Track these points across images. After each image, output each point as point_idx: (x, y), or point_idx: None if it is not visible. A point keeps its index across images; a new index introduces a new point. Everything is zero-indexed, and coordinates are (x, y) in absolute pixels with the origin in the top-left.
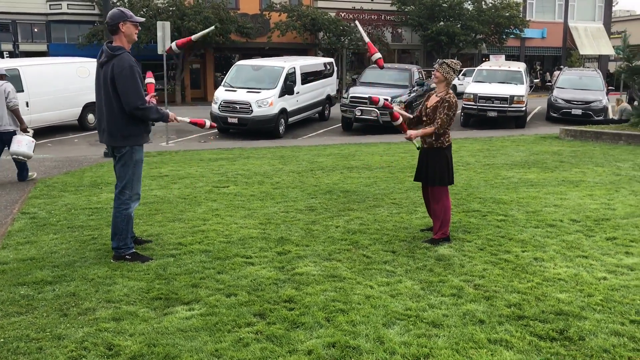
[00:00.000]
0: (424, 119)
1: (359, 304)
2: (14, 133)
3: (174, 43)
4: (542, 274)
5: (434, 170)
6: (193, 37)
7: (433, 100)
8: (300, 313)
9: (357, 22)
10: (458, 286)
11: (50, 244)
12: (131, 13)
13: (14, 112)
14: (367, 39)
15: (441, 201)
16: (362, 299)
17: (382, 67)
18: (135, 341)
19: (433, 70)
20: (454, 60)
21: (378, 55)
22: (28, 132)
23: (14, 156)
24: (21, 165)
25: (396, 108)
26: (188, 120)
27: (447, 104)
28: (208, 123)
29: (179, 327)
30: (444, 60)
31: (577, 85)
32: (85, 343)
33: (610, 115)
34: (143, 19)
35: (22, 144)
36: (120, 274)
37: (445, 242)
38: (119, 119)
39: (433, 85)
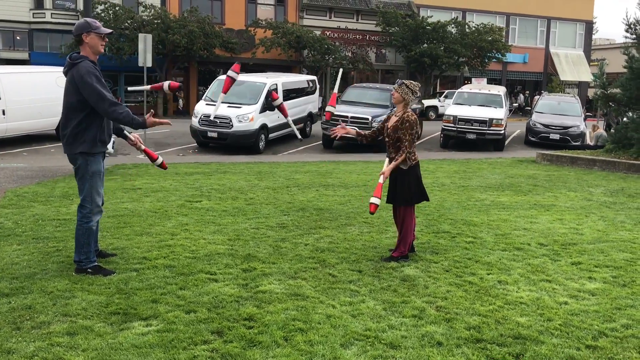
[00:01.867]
0: (386, 139)
1: (319, 323)
2: None
3: (330, 107)
4: (504, 297)
5: (402, 189)
6: (335, 90)
7: (392, 120)
8: (258, 332)
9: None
10: (420, 307)
11: (12, 255)
12: (98, 24)
13: None
14: (335, 90)
15: (406, 220)
16: (323, 318)
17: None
18: (87, 357)
19: (391, 91)
20: (412, 82)
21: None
22: None
23: None
24: None
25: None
26: (148, 87)
27: (407, 124)
28: (166, 84)
29: (134, 343)
30: (403, 81)
31: (555, 110)
32: (35, 358)
33: (588, 141)
34: (110, 31)
35: None
36: (81, 287)
37: (404, 260)
38: (73, 126)
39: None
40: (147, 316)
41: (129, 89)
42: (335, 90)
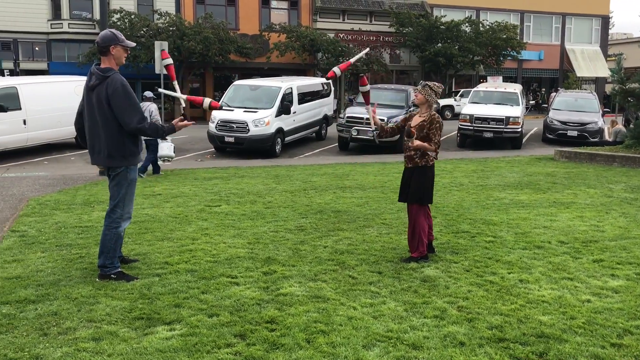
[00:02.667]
0: (406, 137)
1: (340, 325)
2: (156, 141)
3: (335, 69)
4: (526, 296)
5: (416, 188)
6: (351, 60)
7: (417, 120)
8: (281, 334)
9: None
10: (441, 308)
11: (37, 263)
12: (123, 37)
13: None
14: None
15: (419, 220)
16: (345, 320)
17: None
18: None
19: (415, 92)
20: (436, 83)
21: (367, 88)
22: (166, 139)
23: (161, 159)
24: (156, 165)
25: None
26: (185, 97)
27: (437, 125)
28: (207, 101)
29: (158, 348)
30: (427, 82)
31: (572, 107)
32: None
33: (606, 137)
34: (134, 44)
35: (164, 148)
36: (104, 293)
37: (423, 261)
38: (118, 140)
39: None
40: (170, 320)
41: (161, 90)
42: (352, 60)
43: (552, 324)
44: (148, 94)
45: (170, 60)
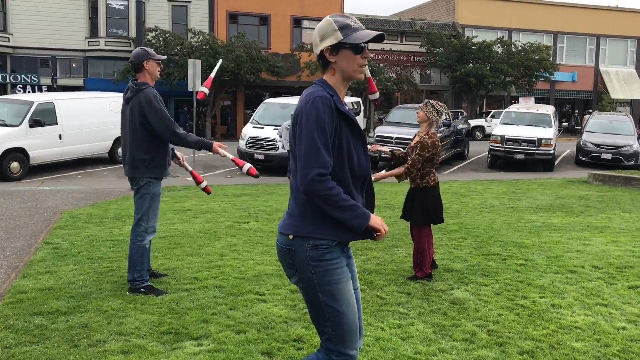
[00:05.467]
0: (408, 157)
1: (368, 345)
2: None
3: (202, 88)
4: (558, 321)
5: (418, 209)
6: (212, 75)
7: (415, 140)
8: (308, 353)
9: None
10: (471, 331)
11: (69, 275)
12: (153, 52)
13: None
14: (368, 74)
15: (421, 239)
16: (372, 340)
17: (378, 106)
18: None
19: (417, 110)
20: (439, 102)
21: (376, 95)
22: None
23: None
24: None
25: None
26: (231, 157)
27: (419, 145)
28: (246, 168)
29: None
30: (430, 100)
31: (607, 129)
32: None
33: None
34: (164, 57)
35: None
36: (134, 306)
37: (428, 280)
38: (144, 151)
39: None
40: (198, 336)
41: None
42: (212, 75)
43: (586, 351)
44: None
45: (377, 95)
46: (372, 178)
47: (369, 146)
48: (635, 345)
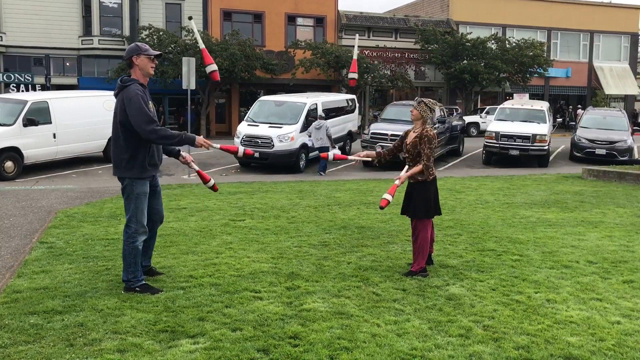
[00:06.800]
0: (406, 154)
1: (364, 342)
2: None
3: (211, 67)
4: (553, 316)
5: (418, 203)
6: (202, 46)
7: (411, 137)
8: (304, 350)
9: (191, 21)
10: (467, 326)
11: (64, 274)
12: (146, 47)
13: (329, 137)
14: (202, 45)
15: (421, 234)
16: (368, 337)
17: (216, 81)
18: None
19: (410, 109)
20: (431, 100)
21: (213, 67)
22: (335, 146)
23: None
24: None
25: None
26: (218, 146)
27: (426, 139)
28: (241, 150)
29: None
30: (422, 99)
31: (601, 124)
32: None
33: (636, 156)
34: (158, 52)
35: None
36: (130, 305)
37: (423, 275)
38: (123, 150)
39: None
40: (194, 334)
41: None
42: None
43: (581, 346)
44: (322, 114)
45: (213, 67)
46: (398, 182)
47: (351, 156)
48: (629, 339)
